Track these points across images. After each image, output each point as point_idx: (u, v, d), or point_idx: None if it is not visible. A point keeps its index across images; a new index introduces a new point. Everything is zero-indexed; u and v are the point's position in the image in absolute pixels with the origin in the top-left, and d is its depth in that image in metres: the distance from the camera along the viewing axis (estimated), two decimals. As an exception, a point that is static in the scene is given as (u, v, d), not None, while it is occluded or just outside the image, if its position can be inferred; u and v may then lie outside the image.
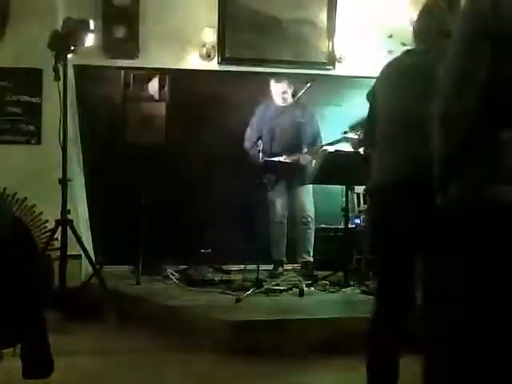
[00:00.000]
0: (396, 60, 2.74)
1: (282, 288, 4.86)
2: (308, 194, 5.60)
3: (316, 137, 5.60)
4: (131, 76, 5.43)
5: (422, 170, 2.16)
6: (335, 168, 4.94)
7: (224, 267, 5.60)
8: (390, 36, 5.95)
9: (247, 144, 5.62)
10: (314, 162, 5.43)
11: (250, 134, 5.66)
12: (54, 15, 5.27)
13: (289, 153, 5.51)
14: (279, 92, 5.56)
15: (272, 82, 5.62)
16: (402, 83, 2.61)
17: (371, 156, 2.68)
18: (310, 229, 5.60)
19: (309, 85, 5.25)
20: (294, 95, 5.57)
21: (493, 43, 1.87)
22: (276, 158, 5.48)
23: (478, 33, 1.90)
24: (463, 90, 1.91)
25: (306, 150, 5.54)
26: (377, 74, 2.76)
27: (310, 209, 5.59)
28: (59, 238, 4.75)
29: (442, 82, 1.97)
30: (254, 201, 5.56)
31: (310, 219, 5.58)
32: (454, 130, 1.95)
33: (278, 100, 5.59)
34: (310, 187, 5.60)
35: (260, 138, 5.22)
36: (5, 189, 5.31)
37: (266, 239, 5.60)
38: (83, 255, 4.84)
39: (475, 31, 1.90)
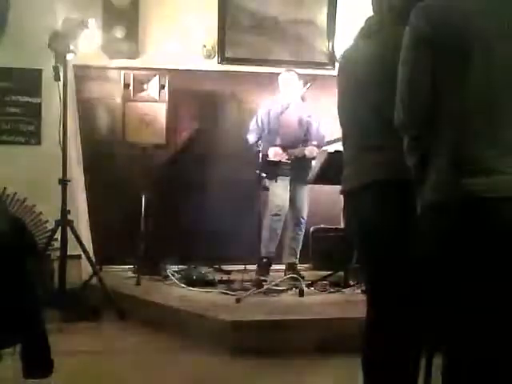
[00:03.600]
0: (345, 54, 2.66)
1: (281, 288, 4.86)
2: (306, 196, 5.54)
3: (320, 138, 5.55)
4: (131, 76, 5.42)
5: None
6: (335, 168, 4.92)
7: (224, 267, 5.60)
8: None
9: (251, 137, 5.49)
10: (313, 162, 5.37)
11: (254, 126, 5.53)
12: (54, 15, 5.26)
13: (292, 149, 5.41)
14: (288, 82, 5.46)
15: (282, 73, 5.55)
16: (344, 82, 2.53)
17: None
18: (301, 230, 5.55)
19: (309, 85, 5.26)
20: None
21: (433, 52, 1.95)
22: (278, 158, 5.39)
23: (419, 41, 1.98)
24: (413, 100, 2.00)
25: (315, 142, 5.44)
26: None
27: (305, 210, 5.54)
28: (59, 238, 4.76)
29: (397, 87, 2.03)
30: (255, 200, 5.55)
31: (303, 220, 5.53)
32: (412, 137, 2.03)
33: (286, 92, 5.48)
34: (308, 188, 5.54)
35: (260, 138, 5.22)
36: (5, 189, 5.31)
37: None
38: (83, 255, 4.84)
39: (415, 42, 1.99)
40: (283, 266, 5.56)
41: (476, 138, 1.92)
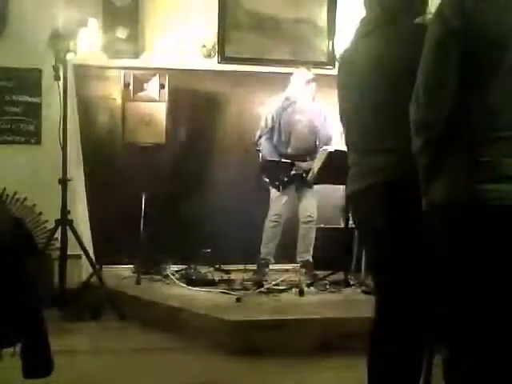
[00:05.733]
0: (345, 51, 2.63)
1: (282, 288, 4.86)
2: (314, 196, 5.54)
3: (329, 141, 5.56)
4: (131, 76, 5.42)
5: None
6: (335, 167, 4.92)
7: (224, 267, 5.60)
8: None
9: (262, 141, 5.51)
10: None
11: (264, 131, 5.52)
12: (54, 15, 5.26)
13: (302, 159, 5.43)
14: (306, 81, 5.46)
15: (296, 72, 5.54)
16: (349, 80, 2.49)
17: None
18: (311, 228, 5.55)
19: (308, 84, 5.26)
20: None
21: (461, 47, 1.90)
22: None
23: (447, 38, 1.92)
24: (435, 96, 1.95)
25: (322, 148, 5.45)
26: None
27: (311, 209, 5.54)
28: (59, 238, 4.76)
29: (415, 84, 1.99)
30: (255, 200, 5.56)
31: (311, 219, 5.53)
32: (428, 135, 1.99)
33: (300, 93, 5.49)
34: (316, 190, 5.55)
35: (260, 138, 5.22)
36: (5, 189, 5.31)
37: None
38: (83, 255, 4.84)
39: (444, 36, 1.93)
40: (283, 267, 5.57)
41: (494, 143, 1.89)
